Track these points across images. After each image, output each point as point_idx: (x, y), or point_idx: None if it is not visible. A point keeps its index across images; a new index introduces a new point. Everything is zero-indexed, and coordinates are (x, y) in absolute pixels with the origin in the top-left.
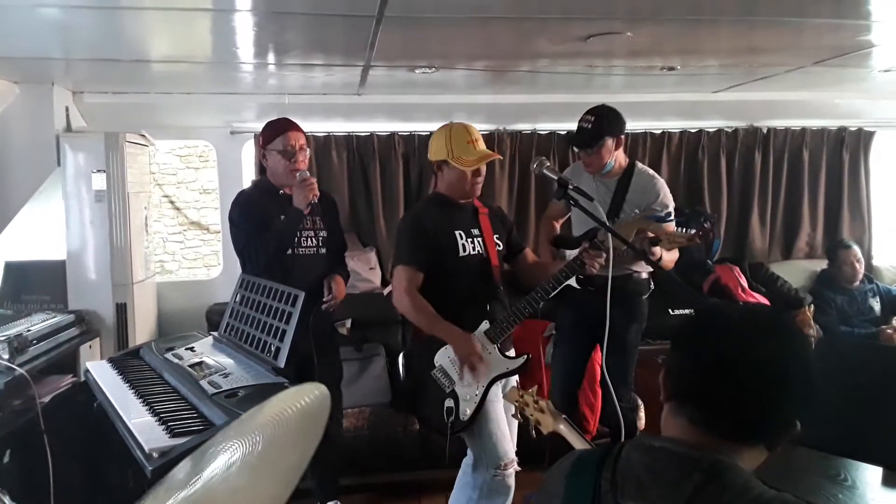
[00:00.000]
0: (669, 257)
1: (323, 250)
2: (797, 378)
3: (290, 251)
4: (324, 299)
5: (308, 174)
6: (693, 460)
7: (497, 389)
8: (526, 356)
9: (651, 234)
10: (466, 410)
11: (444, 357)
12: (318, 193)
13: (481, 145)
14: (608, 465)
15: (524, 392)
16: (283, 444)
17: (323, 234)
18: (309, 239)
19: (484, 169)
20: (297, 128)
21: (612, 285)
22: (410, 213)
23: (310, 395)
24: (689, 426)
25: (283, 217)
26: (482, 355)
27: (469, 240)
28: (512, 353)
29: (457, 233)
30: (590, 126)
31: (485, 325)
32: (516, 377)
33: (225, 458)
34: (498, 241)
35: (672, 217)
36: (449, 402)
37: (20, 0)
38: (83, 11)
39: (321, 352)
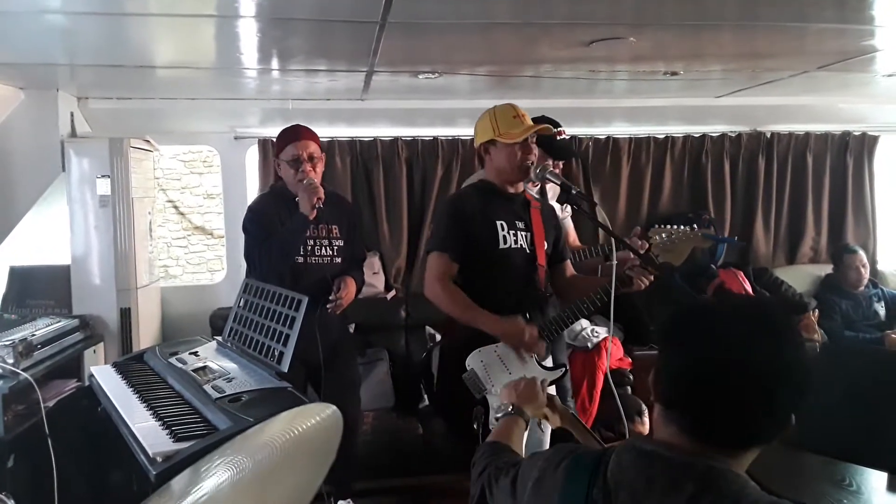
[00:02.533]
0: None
1: (338, 259)
2: (789, 379)
3: (301, 259)
4: (329, 297)
5: (314, 180)
6: (685, 467)
7: None
8: (564, 367)
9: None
10: (497, 420)
11: (477, 361)
12: (322, 197)
13: (528, 120)
14: (600, 472)
15: None
16: (282, 467)
17: (339, 243)
18: (323, 247)
19: (535, 149)
20: (308, 136)
21: None
22: (450, 195)
23: (315, 418)
24: (677, 432)
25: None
26: (516, 366)
27: (512, 232)
28: (549, 362)
29: (498, 223)
30: (567, 138)
31: None
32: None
33: (221, 475)
34: (546, 241)
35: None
36: (478, 410)
37: (26, 6)
38: (88, 18)
39: (333, 358)
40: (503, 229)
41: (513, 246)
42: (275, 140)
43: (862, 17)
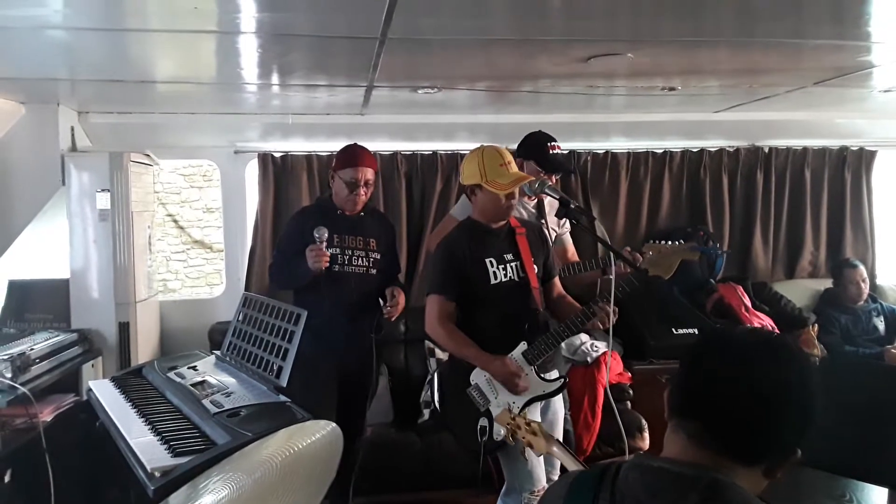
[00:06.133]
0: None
1: (373, 271)
2: (796, 400)
3: (337, 268)
4: (388, 304)
5: (324, 235)
6: (690, 479)
7: (535, 413)
8: (563, 378)
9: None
10: (501, 431)
11: (481, 376)
12: (326, 264)
13: (514, 167)
14: (606, 485)
15: (516, 415)
16: (280, 485)
17: (375, 255)
18: (359, 258)
19: (517, 192)
20: (368, 163)
21: None
22: (442, 241)
23: (315, 436)
24: (686, 442)
25: (335, 234)
26: (521, 375)
27: (501, 266)
28: (553, 375)
29: (487, 261)
30: (561, 152)
31: (522, 346)
32: (560, 402)
33: (220, 492)
34: (536, 264)
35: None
36: (483, 422)
37: (27, 22)
38: (89, 33)
39: (360, 369)
40: (492, 266)
41: (503, 280)
42: (329, 154)
43: (858, 34)
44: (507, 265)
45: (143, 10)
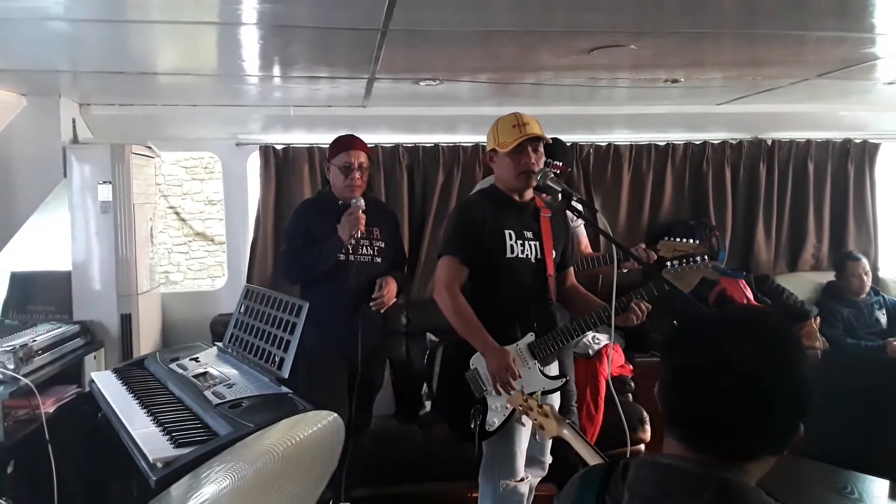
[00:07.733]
0: None
1: (378, 259)
2: (785, 384)
3: (343, 257)
4: (373, 296)
5: (362, 204)
6: (700, 479)
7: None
8: (565, 378)
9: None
10: (494, 421)
11: (481, 361)
12: (363, 228)
13: (530, 128)
14: (614, 482)
15: (528, 396)
16: (282, 475)
17: (380, 244)
18: (365, 247)
19: (535, 157)
20: (360, 146)
21: None
22: (461, 203)
23: (316, 426)
24: (680, 445)
25: (338, 225)
26: (519, 370)
27: (520, 242)
28: (554, 370)
29: (507, 232)
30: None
31: (530, 337)
32: (556, 397)
33: (221, 482)
34: (556, 250)
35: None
36: (476, 409)
37: (28, 13)
38: (90, 25)
39: (368, 359)
40: (511, 238)
41: (519, 256)
42: (328, 146)
43: (862, 26)
44: (527, 242)
45: (144, 1)
